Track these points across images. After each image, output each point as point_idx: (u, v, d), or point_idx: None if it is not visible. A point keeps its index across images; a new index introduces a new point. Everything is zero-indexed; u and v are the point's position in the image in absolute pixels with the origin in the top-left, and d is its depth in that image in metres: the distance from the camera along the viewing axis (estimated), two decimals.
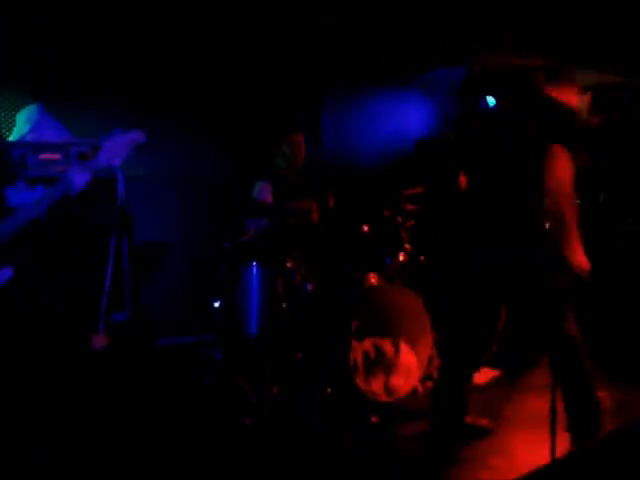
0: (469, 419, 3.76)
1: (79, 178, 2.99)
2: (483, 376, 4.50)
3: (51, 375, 3.50)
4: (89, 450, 3.39)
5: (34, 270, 3.46)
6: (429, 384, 4.52)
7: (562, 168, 3.41)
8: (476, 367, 3.88)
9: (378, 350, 4.25)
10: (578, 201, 5.25)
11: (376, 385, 4.20)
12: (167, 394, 4.25)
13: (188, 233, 5.47)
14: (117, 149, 3.04)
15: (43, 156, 4.49)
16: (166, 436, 3.69)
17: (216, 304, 4.56)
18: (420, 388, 4.42)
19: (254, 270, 4.41)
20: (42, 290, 3.57)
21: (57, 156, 4.53)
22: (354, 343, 4.16)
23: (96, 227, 4.42)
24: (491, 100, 3.66)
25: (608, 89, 5.61)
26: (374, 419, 3.99)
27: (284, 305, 4.33)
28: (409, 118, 6.21)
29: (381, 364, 4.24)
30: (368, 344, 4.23)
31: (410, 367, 4.33)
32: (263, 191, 4.85)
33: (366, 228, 4.52)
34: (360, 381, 4.13)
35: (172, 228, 5.43)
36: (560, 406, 3.80)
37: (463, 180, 3.64)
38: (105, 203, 4.46)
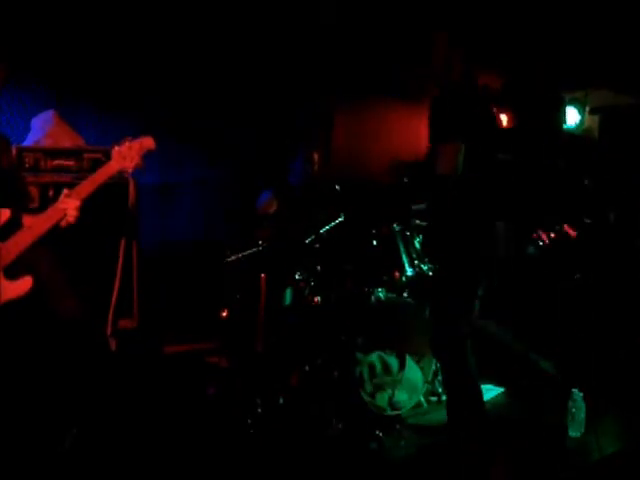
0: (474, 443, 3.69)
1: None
2: (485, 393, 4.50)
3: (62, 380, 3.52)
4: (93, 453, 3.41)
5: (51, 277, 3.48)
6: (434, 399, 4.54)
7: None
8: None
9: (384, 364, 4.26)
10: (588, 220, 5.29)
11: (381, 399, 4.21)
12: (171, 401, 4.26)
13: (197, 240, 5.49)
14: (127, 156, 3.08)
15: (56, 162, 4.54)
16: (169, 444, 3.69)
17: (224, 314, 4.58)
18: (424, 403, 4.44)
19: (261, 282, 4.43)
20: (57, 295, 3.60)
21: (70, 162, 4.58)
22: (360, 357, 4.18)
23: (106, 233, 4.46)
24: None
25: (618, 110, 5.64)
26: (377, 432, 3.98)
27: (291, 317, 4.35)
28: (421, 132, 6.22)
29: (386, 378, 4.25)
30: (374, 358, 4.25)
31: (415, 382, 4.34)
32: (267, 202, 4.88)
33: (375, 242, 4.53)
34: (365, 395, 4.14)
35: (181, 235, 5.46)
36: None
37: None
38: (116, 209, 4.50)
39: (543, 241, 4.93)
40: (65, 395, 3.50)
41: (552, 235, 4.93)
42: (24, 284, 2.95)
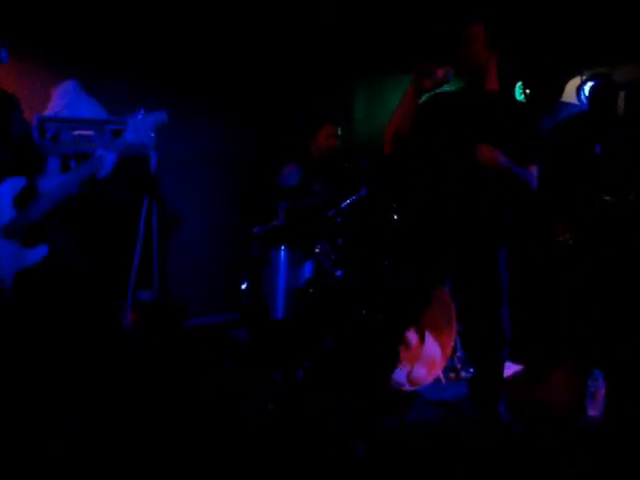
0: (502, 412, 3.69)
1: (108, 157, 3.02)
2: (505, 370, 4.49)
3: (81, 351, 3.53)
4: (108, 428, 3.41)
5: (67, 248, 3.49)
6: (452, 375, 4.54)
7: None
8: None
9: (403, 340, 4.26)
10: (608, 198, 5.22)
11: (400, 375, 4.21)
12: (190, 375, 4.27)
13: (219, 213, 5.49)
14: (140, 129, 3.06)
15: (77, 132, 4.53)
16: (185, 418, 3.67)
17: (243, 286, 4.57)
18: (443, 379, 4.44)
19: (282, 254, 4.43)
20: (74, 267, 3.60)
21: (91, 133, 4.57)
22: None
23: (127, 205, 4.46)
24: None
25: None
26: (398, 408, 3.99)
27: (311, 290, 4.34)
28: None
29: (406, 354, 4.25)
30: None
31: (434, 358, 4.33)
32: (289, 174, 4.86)
33: (396, 217, 4.50)
34: None
35: (203, 207, 5.45)
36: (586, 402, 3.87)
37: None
38: (137, 181, 4.50)
39: (563, 237, 4.86)
40: (81, 365, 3.51)
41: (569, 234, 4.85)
42: (40, 252, 2.97)
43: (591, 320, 4.48)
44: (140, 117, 3.09)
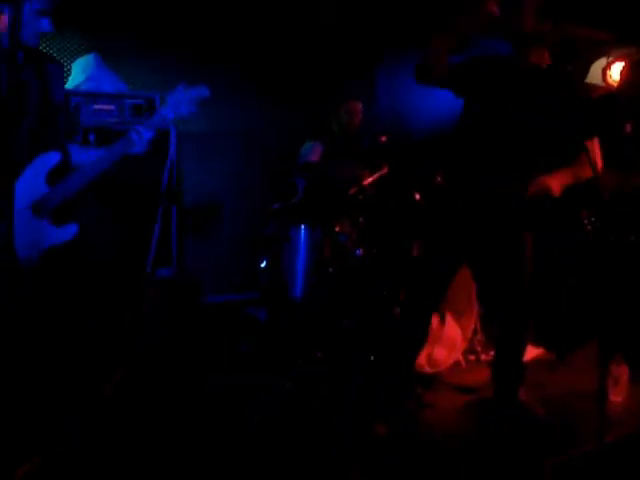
0: (523, 395, 3.65)
1: (144, 134, 2.94)
2: (526, 354, 4.44)
3: (99, 328, 3.52)
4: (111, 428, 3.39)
5: (98, 225, 3.45)
6: (472, 357, 4.50)
7: None
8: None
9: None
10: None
11: (420, 357, 4.16)
12: (208, 353, 4.25)
13: (238, 190, 5.44)
14: (181, 104, 2.97)
15: (97, 106, 4.49)
16: (186, 418, 3.58)
17: (262, 264, 4.54)
18: (463, 361, 4.40)
19: (302, 232, 4.39)
20: (103, 246, 3.57)
21: (111, 107, 4.53)
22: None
23: (146, 183, 4.43)
24: None
25: None
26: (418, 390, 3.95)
27: (331, 269, 4.30)
28: None
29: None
30: None
31: (454, 340, 4.29)
32: (311, 151, 4.81)
33: (418, 196, 4.44)
34: None
35: (222, 184, 5.40)
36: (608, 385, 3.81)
37: None
38: (156, 159, 4.46)
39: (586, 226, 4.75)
40: (102, 343, 3.50)
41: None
42: (69, 231, 2.92)
43: (614, 303, 4.41)
44: (181, 91, 2.97)
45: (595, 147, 3.38)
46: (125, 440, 3.23)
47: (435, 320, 4.23)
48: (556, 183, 3.29)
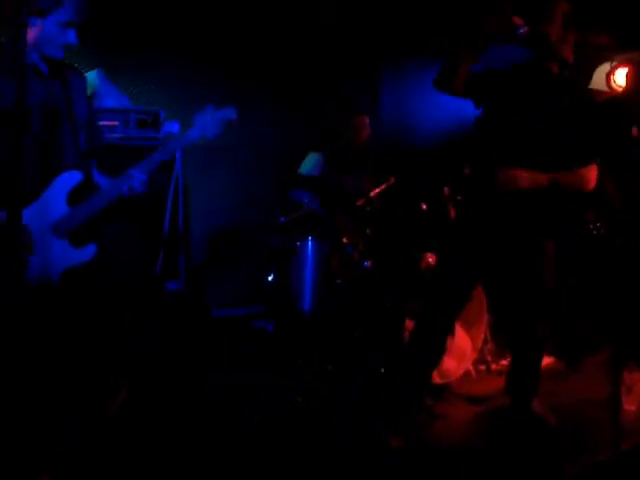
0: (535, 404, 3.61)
1: (166, 155, 2.96)
2: None
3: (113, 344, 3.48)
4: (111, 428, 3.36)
5: (116, 245, 3.43)
6: (482, 367, 4.46)
7: None
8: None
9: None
10: None
11: None
12: (191, 374, 4.22)
13: (246, 203, 5.43)
14: (208, 125, 2.96)
15: (102, 123, 4.49)
16: (186, 418, 3.57)
17: (270, 277, 4.53)
18: (473, 371, 4.36)
19: (309, 244, 4.37)
20: (121, 266, 3.56)
21: (115, 123, 4.53)
22: (409, 323, 4.10)
23: (153, 198, 4.41)
24: None
25: None
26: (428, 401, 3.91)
27: (338, 281, 4.29)
28: None
29: None
30: None
31: (464, 350, 4.25)
32: (313, 164, 4.81)
33: (425, 206, 4.43)
34: None
35: (229, 197, 5.40)
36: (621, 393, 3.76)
37: None
38: (162, 173, 4.45)
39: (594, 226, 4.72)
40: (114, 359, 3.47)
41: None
42: (88, 251, 2.88)
43: (627, 310, 4.37)
44: (209, 113, 2.97)
45: None
46: (125, 440, 3.20)
47: None
48: (526, 176, 3.27)
